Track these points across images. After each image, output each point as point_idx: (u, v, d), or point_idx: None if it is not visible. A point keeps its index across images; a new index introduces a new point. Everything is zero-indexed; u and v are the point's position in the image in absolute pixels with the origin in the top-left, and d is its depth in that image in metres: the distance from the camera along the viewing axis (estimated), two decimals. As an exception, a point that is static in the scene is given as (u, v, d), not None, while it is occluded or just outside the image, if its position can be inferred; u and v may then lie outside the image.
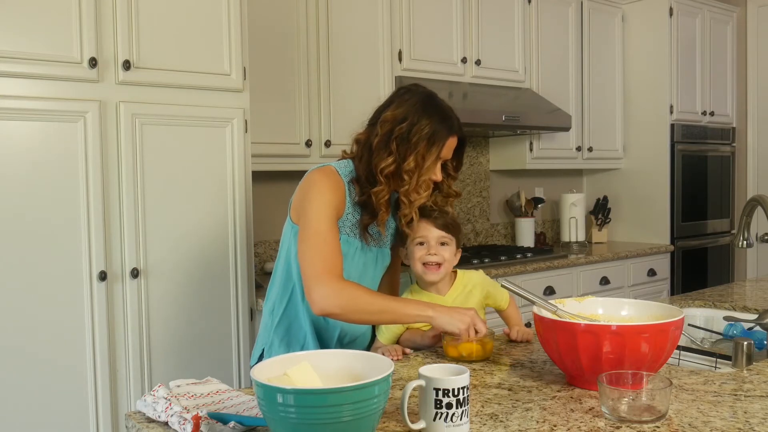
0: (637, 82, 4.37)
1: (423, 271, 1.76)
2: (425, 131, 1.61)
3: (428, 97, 1.68)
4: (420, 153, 1.61)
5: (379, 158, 1.62)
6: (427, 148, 1.62)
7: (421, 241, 1.76)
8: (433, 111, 1.64)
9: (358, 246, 1.69)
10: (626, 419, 1.17)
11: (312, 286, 1.56)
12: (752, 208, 1.90)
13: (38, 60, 2.07)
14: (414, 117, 1.62)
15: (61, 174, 2.11)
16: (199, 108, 2.37)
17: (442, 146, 1.64)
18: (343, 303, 1.55)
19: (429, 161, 1.63)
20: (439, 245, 1.76)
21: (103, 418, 2.20)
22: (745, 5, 4.75)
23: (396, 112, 1.64)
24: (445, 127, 1.64)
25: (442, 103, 1.70)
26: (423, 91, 1.71)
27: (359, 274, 1.72)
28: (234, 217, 2.46)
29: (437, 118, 1.64)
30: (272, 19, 2.85)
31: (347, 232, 1.67)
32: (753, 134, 4.77)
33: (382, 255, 1.79)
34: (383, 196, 1.63)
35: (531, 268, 3.39)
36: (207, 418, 1.18)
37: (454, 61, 3.48)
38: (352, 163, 1.70)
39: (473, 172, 4.08)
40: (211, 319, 2.42)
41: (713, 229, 4.59)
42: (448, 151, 1.68)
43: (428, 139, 1.62)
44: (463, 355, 1.59)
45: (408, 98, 1.67)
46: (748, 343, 1.56)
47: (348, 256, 1.67)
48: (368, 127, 1.70)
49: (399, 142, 1.61)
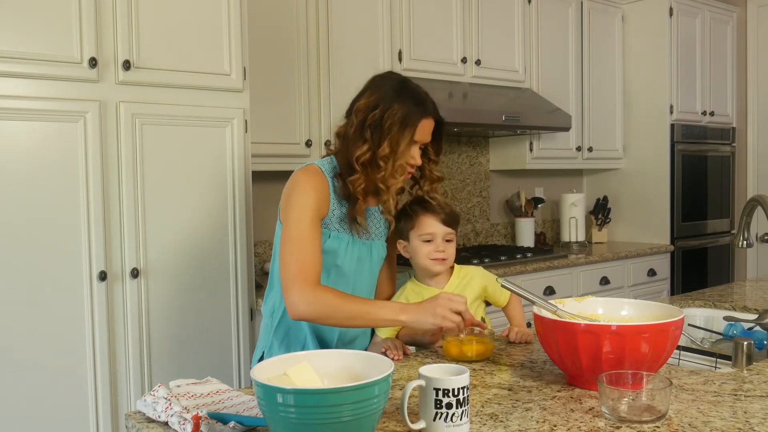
0: (637, 82, 4.37)
1: (431, 264, 1.78)
2: (398, 115, 1.61)
3: (401, 83, 1.68)
4: (394, 138, 1.61)
5: (354, 147, 1.63)
6: (401, 132, 1.61)
7: (429, 239, 1.77)
8: (405, 95, 1.64)
9: (348, 240, 1.69)
10: (626, 419, 1.17)
11: (287, 291, 1.57)
12: (752, 208, 1.90)
13: (38, 60, 2.07)
14: (386, 103, 1.62)
15: (61, 174, 2.11)
16: (199, 108, 2.37)
17: (415, 128, 1.63)
18: (316, 309, 1.55)
19: (403, 145, 1.62)
20: (446, 242, 1.78)
21: (103, 418, 2.20)
22: (745, 5, 4.75)
23: (369, 100, 1.65)
24: (419, 110, 1.64)
25: (416, 87, 1.69)
26: (396, 77, 1.71)
27: (355, 268, 1.72)
28: (234, 217, 2.46)
29: (410, 102, 1.64)
30: (272, 19, 2.85)
31: (336, 227, 1.67)
32: (753, 134, 4.77)
33: (377, 247, 1.78)
34: (359, 184, 1.63)
35: (531, 268, 3.39)
36: (207, 418, 1.18)
37: (454, 61, 3.48)
38: (335, 159, 1.71)
39: (473, 172, 4.08)
40: (211, 319, 2.42)
41: (713, 229, 4.59)
42: (424, 133, 1.66)
43: (401, 123, 1.61)
44: (465, 354, 1.59)
45: (381, 85, 1.67)
46: (748, 343, 1.56)
47: (340, 252, 1.68)
48: (345, 119, 1.71)
49: (373, 130, 1.61)
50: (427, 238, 1.77)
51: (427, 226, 1.77)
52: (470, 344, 1.59)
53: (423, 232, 1.77)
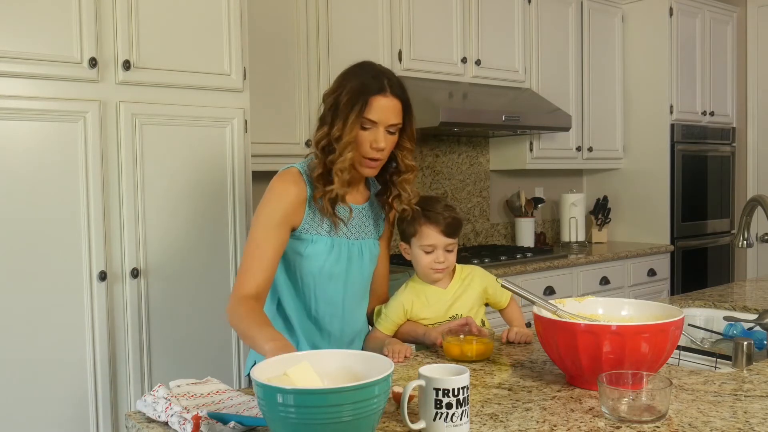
0: (637, 82, 4.37)
1: (431, 273, 1.78)
2: (350, 93, 1.57)
3: (363, 63, 1.65)
4: (344, 115, 1.56)
5: (316, 133, 1.62)
6: (350, 107, 1.56)
7: (430, 250, 1.76)
8: (362, 72, 1.61)
9: (330, 243, 1.66)
10: (626, 419, 1.17)
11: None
12: (752, 208, 1.90)
13: (38, 60, 2.07)
14: (343, 83, 1.60)
15: (61, 174, 2.11)
16: (199, 108, 2.37)
17: (365, 104, 1.56)
18: (231, 322, 1.55)
19: (351, 119, 1.55)
20: (446, 252, 1.77)
21: (103, 418, 2.20)
22: (745, 5, 4.75)
23: (333, 85, 1.63)
24: (373, 85, 1.57)
25: (376, 66, 1.64)
26: (360, 63, 1.66)
27: (345, 270, 1.69)
28: (234, 217, 2.46)
29: (365, 78, 1.59)
30: (272, 19, 2.85)
31: (316, 231, 1.64)
32: (753, 134, 4.77)
33: (369, 246, 1.75)
34: (318, 171, 1.60)
35: (531, 268, 3.39)
36: (207, 418, 1.18)
37: (454, 61, 3.48)
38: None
39: (473, 172, 4.08)
40: (211, 319, 2.42)
41: (713, 229, 4.59)
42: (380, 112, 1.57)
43: (350, 99, 1.56)
44: (465, 354, 1.59)
45: (348, 70, 1.65)
46: (748, 343, 1.56)
47: (322, 256, 1.65)
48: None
49: (332, 113, 1.59)
50: (428, 249, 1.76)
51: (429, 237, 1.75)
52: (471, 344, 1.59)
53: (424, 243, 1.76)
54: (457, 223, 1.78)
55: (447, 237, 1.75)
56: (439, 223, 1.74)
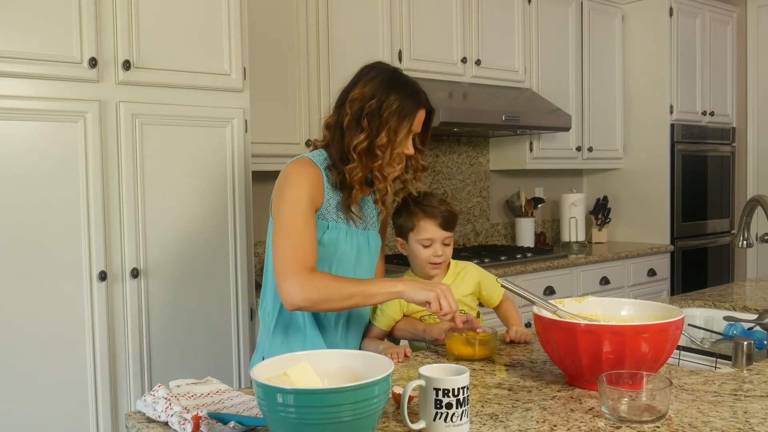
0: (637, 82, 4.38)
1: (429, 267, 1.80)
2: (395, 106, 1.63)
3: (394, 73, 1.70)
4: (392, 128, 1.63)
5: (351, 136, 1.63)
6: (399, 123, 1.64)
7: (428, 244, 1.78)
8: (400, 86, 1.67)
9: (345, 230, 1.69)
10: (626, 419, 1.17)
11: (281, 282, 1.56)
12: (752, 208, 1.90)
13: (38, 60, 2.07)
14: (382, 93, 1.64)
15: (61, 174, 2.11)
16: (199, 108, 2.37)
17: (413, 120, 1.66)
18: (312, 295, 1.54)
19: (401, 135, 1.65)
20: (444, 246, 1.79)
21: (103, 418, 2.20)
22: (745, 5, 4.75)
23: (364, 90, 1.65)
24: (414, 101, 1.67)
25: (408, 78, 1.72)
26: (387, 68, 1.72)
27: (355, 259, 1.72)
28: (234, 216, 2.46)
29: (405, 93, 1.66)
30: (272, 19, 2.85)
31: (333, 218, 1.68)
32: (753, 134, 4.77)
33: (374, 237, 1.79)
34: (357, 173, 1.64)
35: (531, 268, 3.39)
36: (207, 418, 1.18)
37: (454, 61, 3.48)
38: (325, 152, 1.71)
39: (473, 172, 4.08)
40: (211, 319, 2.42)
41: (713, 229, 4.59)
42: (418, 124, 1.70)
43: (399, 114, 1.63)
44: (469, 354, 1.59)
45: (374, 76, 1.68)
46: (748, 343, 1.56)
47: (339, 242, 1.68)
48: (336, 109, 1.71)
49: (370, 119, 1.62)
50: (425, 243, 1.79)
51: (426, 231, 1.78)
52: (474, 343, 1.59)
53: (422, 237, 1.78)
54: (454, 216, 1.82)
55: (444, 230, 1.79)
56: (436, 216, 1.78)
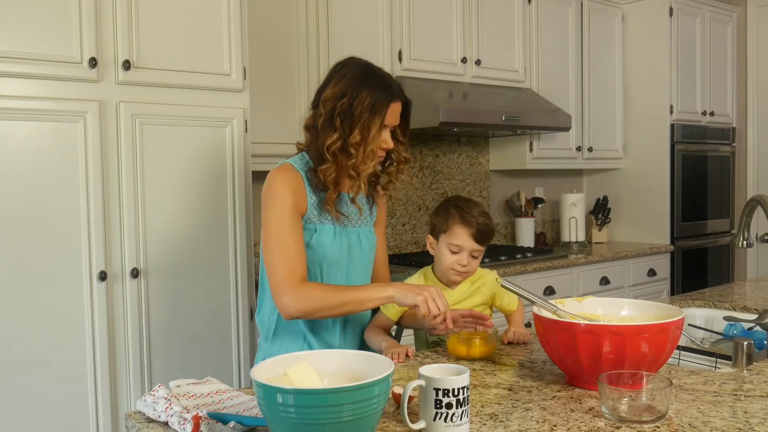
0: (637, 82, 4.38)
1: (451, 273, 1.78)
2: (367, 102, 1.62)
3: (366, 68, 1.69)
4: (364, 124, 1.62)
5: (325, 137, 1.64)
6: (371, 118, 1.62)
7: (456, 250, 1.76)
8: (372, 81, 1.65)
9: (332, 231, 1.69)
10: (626, 419, 1.17)
11: (277, 294, 1.59)
12: (752, 208, 1.90)
13: (38, 60, 2.07)
14: (354, 90, 1.63)
15: (61, 174, 2.11)
16: (199, 108, 2.37)
17: (385, 114, 1.64)
18: (305, 307, 1.57)
19: (374, 130, 1.63)
20: (471, 257, 1.77)
21: (103, 418, 2.20)
22: (745, 5, 4.75)
23: (335, 89, 1.65)
24: (386, 94, 1.65)
25: (381, 72, 1.70)
26: (360, 62, 1.71)
27: (346, 258, 1.72)
28: (234, 217, 2.46)
29: (377, 87, 1.64)
30: (272, 19, 2.85)
31: (318, 220, 1.68)
32: (753, 134, 4.77)
33: (366, 233, 1.78)
34: (330, 173, 1.64)
35: (531, 268, 3.39)
36: (207, 418, 1.18)
37: (454, 61, 3.48)
38: (307, 155, 1.72)
39: (473, 172, 4.08)
40: (211, 319, 2.42)
41: (713, 229, 4.59)
42: (393, 117, 1.67)
43: (370, 109, 1.62)
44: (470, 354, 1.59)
45: (345, 73, 1.67)
46: (748, 343, 1.56)
47: (327, 244, 1.68)
48: (312, 111, 1.71)
49: (342, 118, 1.62)
50: (454, 249, 1.76)
51: (458, 237, 1.76)
52: (475, 344, 1.59)
53: (452, 241, 1.76)
54: (490, 231, 1.79)
55: (476, 242, 1.76)
56: (472, 225, 1.75)
